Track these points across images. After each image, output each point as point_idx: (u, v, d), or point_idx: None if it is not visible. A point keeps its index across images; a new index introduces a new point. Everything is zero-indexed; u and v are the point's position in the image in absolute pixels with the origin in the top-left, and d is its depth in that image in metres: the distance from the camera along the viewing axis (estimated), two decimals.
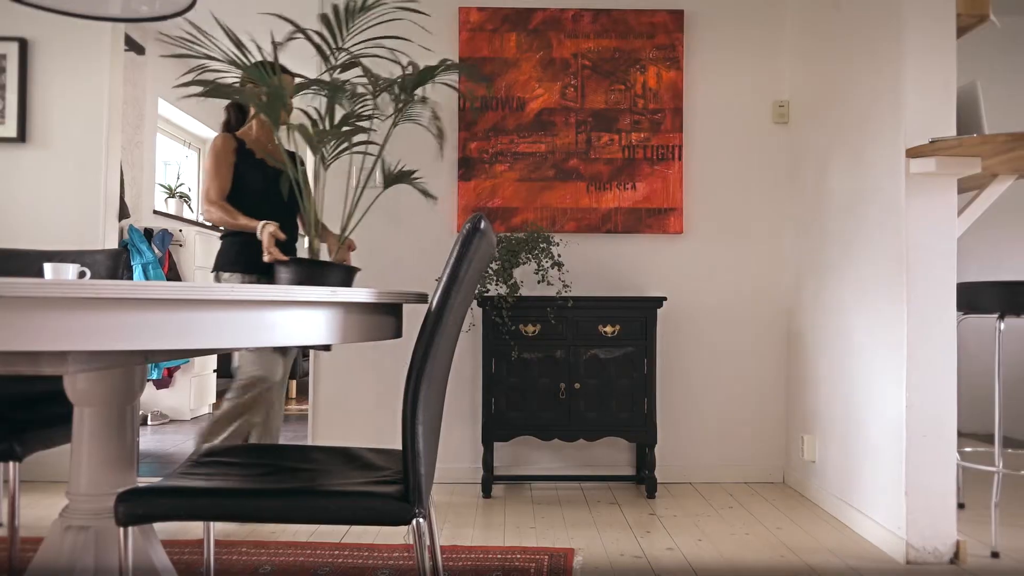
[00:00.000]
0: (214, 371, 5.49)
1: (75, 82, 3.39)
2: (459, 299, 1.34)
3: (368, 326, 1.36)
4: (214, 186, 2.77)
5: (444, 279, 1.28)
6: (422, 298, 1.43)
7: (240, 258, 2.78)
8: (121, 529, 1.20)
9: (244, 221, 2.68)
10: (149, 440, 4.43)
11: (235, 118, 2.95)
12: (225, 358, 6.10)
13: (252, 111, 2.91)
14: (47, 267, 1.72)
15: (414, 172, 2.59)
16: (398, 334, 1.52)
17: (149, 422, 4.94)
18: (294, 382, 6.33)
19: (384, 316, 1.42)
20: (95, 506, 1.44)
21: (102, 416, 1.46)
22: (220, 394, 6.26)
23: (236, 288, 1.09)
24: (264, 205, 2.77)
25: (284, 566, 2.32)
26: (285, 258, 2.46)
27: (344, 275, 2.28)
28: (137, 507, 1.20)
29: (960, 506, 3.02)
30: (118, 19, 1.74)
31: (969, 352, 4.13)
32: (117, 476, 1.47)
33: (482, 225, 1.30)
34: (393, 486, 1.32)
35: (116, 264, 2.09)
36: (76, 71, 3.40)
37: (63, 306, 1.01)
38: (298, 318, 1.22)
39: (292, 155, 2.36)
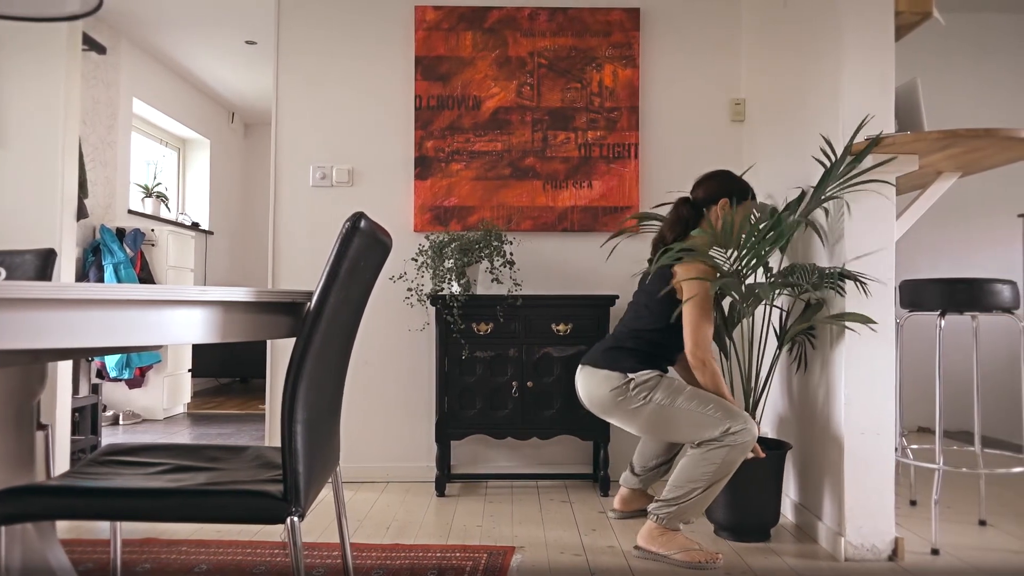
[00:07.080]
0: (188, 371, 5.49)
1: (33, 82, 3.40)
2: (342, 297, 1.34)
3: (255, 325, 1.36)
4: (709, 333, 2.45)
5: (322, 279, 1.28)
6: (309, 297, 1.43)
7: (662, 364, 2.59)
8: None
9: (731, 401, 2.45)
10: (120, 440, 4.44)
11: (684, 225, 2.67)
12: (209, 357, 6.09)
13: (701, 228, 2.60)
14: None
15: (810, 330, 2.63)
16: (295, 333, 1.52)
17: (121, 422, 4.95)
18: None
19: (276, 315, 1.42)
20: None
21: None
22: (195, 394, 6.28)
23: (93, 287, 1.10)
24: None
25: (221, 565, 2.32)
26: (763, 455, 2.49)
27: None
28: (8, 506, 1.20)
29: (912, 503, 3.02)
30: (24, 18, 1.75)
31: (944, 350, 4.12)
32: (13, 474, 1.47)
33: (362, 224, 1.30)
34: (279, 485, 1.33)
35: (45, 264, 2.08)
36: (34, 71, 3.40)
37: None
38: (173, 317, 1.22)
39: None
